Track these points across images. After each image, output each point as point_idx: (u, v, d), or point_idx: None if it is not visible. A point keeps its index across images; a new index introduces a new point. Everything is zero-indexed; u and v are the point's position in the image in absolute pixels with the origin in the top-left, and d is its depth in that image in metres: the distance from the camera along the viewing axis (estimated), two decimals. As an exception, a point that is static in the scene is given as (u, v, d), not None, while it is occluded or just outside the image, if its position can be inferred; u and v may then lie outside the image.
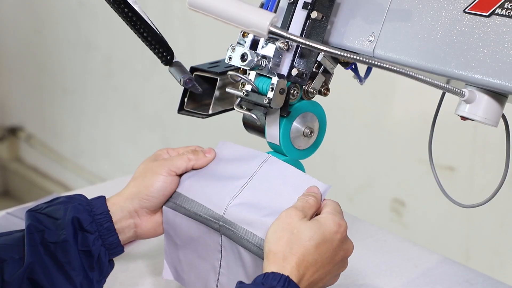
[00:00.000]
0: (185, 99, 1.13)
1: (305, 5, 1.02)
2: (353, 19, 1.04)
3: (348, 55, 0.87)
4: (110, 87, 3.04)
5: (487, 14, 0.92)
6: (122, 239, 1.06)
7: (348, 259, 1.00)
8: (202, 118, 1.12)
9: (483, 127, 1.02)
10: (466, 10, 0.94)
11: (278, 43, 1.00)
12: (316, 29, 1.03)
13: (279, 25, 1.03)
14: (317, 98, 1.08)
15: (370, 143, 2.12)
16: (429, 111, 1.12)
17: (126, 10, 1.02)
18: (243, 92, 1.05)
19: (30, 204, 1.39)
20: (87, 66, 3.12)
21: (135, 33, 1.04)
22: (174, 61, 1.07)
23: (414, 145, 1.95)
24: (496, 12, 0.92)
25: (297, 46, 1.02)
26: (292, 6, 1.02)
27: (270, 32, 0.86)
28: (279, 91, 1.01)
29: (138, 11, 1.02)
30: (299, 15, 1.02)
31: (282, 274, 0.90)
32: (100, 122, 3.16)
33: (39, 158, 3.49)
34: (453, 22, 0.95)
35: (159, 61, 1.07)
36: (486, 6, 0.92)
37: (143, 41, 1.04)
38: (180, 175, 1.08)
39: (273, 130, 1.06)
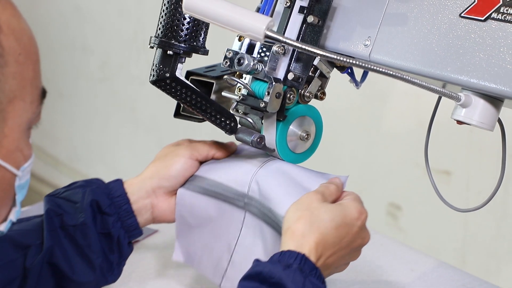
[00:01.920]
0: (181, 104, 1.13)
1: (301, 9, 1.02)
2: (349, 23, 1.04)
3: (344, 59, 0.87)
4: (106, 91, 3.04)
5: (483, 19, 0.92)
6: (140, 221, 1.07)
7: None
8: (198, 122, 1.12)
9: (479, 131, 1.02)
10: (462, 15, 0.94)
11: (275, 47, 1.00)
12: (312, 33, 1.03)
13: (275, 29, 1.03)
14: (314, 102, 1.08)
15: (366, 147, 2.12)
16: (425, 115, 1.12)
17: (189, 93, 1.00)
18: (239, 96, 1.05)
19: (26, 209, 1.39)
20: (83, 70, 3.12)
21: (197, 111, 1.01)
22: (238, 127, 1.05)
23: (410, 149, 1.95)
24: (492, 16, 0.92)
25: (294, 50, 1.02)
26: (288, 10, 1.02)
27: (266, 36, 0.86)
28: (275, 95, 1.01)
29: (193, 86, 1.01)
30: (295, 19, 1.02)
31: (299, 252, 0.90)
32: (96, 126, 3.15)
33: (34, 162, 3.47)
34: (449, 27, 0.95)
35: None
36: (482, 11, 0.93)
37: (204, 117, 1.02)
38: (201, 163, 1.10)
39: (269, 134, 1.06)
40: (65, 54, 3.15)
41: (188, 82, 1.00)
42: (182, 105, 1.11)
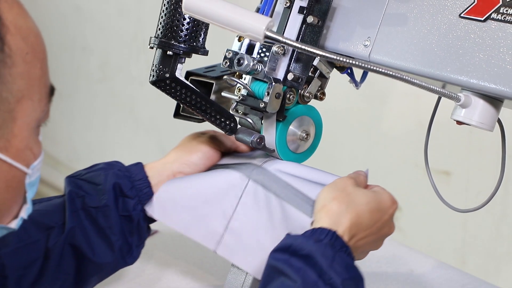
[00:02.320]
0: (181, 104, 1.13)
1: (300, 10, 1.02)
2: (348, 23, 1.04)
3: (344, 60, 0.87)
4: (106, 91, 3.04)
5: (482, 19, 0.92)
6: None
7: None
8: (198, 122, 1.12)
9: (479, 132, 1.02)
10: (462, 15, 0.94)
11: (274, 48, 1.00)
12: (312, 33, 1.03)
13: (275, 29, 1.03)
14: (313, 103, 1.09)
15: (366, 147, 2.12)
16: (425, 116, 1.12)
17: (189, 93, 1.00)
18: (239, 97, 1.05)
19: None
20: (83, 71, 3.12)
21: (196, 111, 1.02)
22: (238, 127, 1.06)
23: (410, 150, 1.95)
24: (491, 17, 0.92)
25: (293, 51, 1.02)
26: (288, 10, 1.03)
27: (266, 37, 0.86)
28: (275, 96, 1.01)
29: (192, 86, 1.01)
30: (295, 20, 1.02)
31: (330, 229, 0.91)
32: (96, 126, 3.15)
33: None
34: (449, 27, 0.95)
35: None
36: (481, 11, 0.93)
37: (204, 117, 1.02)
38: (223, 154, 1.11)
39: (269, 135, 1.06)
40: (65, 54, 3.15)
41: (188, 82, 1.00)
42: (181, 105, 1.11)
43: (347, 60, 0.87)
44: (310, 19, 1.01)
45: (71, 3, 3.07)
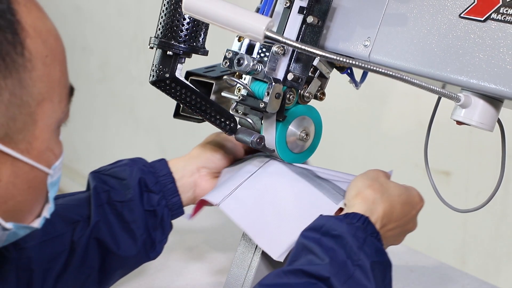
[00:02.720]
0: (181, 104, 1.13)
1: (300, 10, 1.02)
2: (348, 23, 1.04)
3: (344, 60, 0.87)
4: (106, 91, 3.04)
5: (482, 19, 0.92)
6: (183, 199, 1.09)
7: None
8: (198, 122, 1.12)
9: (479, 132, 1.02)
10: (462, 15, 0.94)
11: (274, 48, 1.00)
12: (312, 33, 1.03)
13: (275, 29, 1.03)
14: (313, 103, 1.08)
15: (366, 147, 2.12)
16: (425, 116, 1.12)
17: (189, 93, 1.00)
18: (239, 97, 1.05)
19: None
20: (83, 71, 3.12)
21: (196, 111, 1.02)
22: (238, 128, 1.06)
23: (409, 150, 1.95)
24: (491, 17, 0.92)
25: (293, 51, 1.02)
26: (287, 10, 1.03)
27: (266, 37, 0.86)
28: (275, 96, 1.01)
29: (192, 87, 1.01)
30: (295, 20, 1.02)
31: (362, 215, 0.93)
32: (96, 126, 3.15)
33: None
34: (448, 27, 0.95)
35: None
36: (481, 11, 0.93)
37: (204, 117, 1.03)
38: (248, 152, 1.14)
39: (269, 135, 1.06)
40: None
41: (187, 82, 1.00)
42: (181, 105, 1.11)
43: (347, 60, 0.87)
44: (310, 19, 1.01)
45: (71, 3, 3.07)
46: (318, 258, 0.87)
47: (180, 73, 0.99)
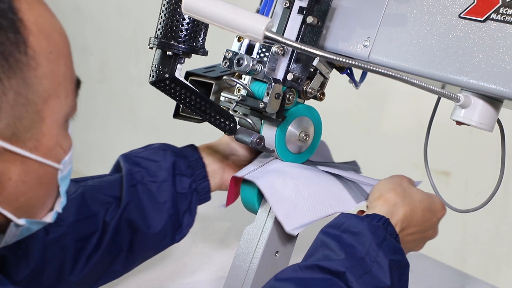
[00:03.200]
0: (180, 105, 1.13)
1: (300, 10, 1.02)
2: (348, 24, 1.04)
3: (344, 60, 0.87)
4: (106, 92, 3.04)
5: (482, 19, 0.92)
6: (211, 184, 1.11)
7: None
8: (198, 122, 1.12)
9: (479, 132, 1.02)
10: (462, 15, 0.94)
11: (274, 48, 1.00)
12: (311, 33, 1.03)
13: (274, 29, 1.03)
14: (313, 103, 1.08)
15: (366, 147, 2.12)
16: (424, 116, 1.12)
17: (188, 93, 1.01)
18: (239, 97, 1.05)
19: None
20: (82, 71, 3.11)
21: (196, 111, 1.02)
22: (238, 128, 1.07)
23: (409, 150, 1.95)
24: (491, 17, 0.92)
25: (293, 51, 1.02)
26: (287, 10, 1.02)
27: (266, 37, 0.86)
28: (275, 96, 1.01)
29: (192, 87, 1.01)
30: (295, 20, 1.02)
31: (383, 216, 0.94)
32: (95, 127, 3.15)
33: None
34: (448, 27, 0.95)
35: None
36: (481, 11, 0.93)
37: (204, 118, 1.03)
38: None
39: (268, 135, 1.06)
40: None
41: (187, 82, 1.00)
42: (181, 105, 1.11)
43: (347, 61, 0.87)
44: (309, 19, 1.01)
45: (71, 3, 3.07)
46: (335, 254, 0.88)
47: (179, 73, 0.99)
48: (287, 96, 1.03)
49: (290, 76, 1.02)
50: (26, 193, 0.75)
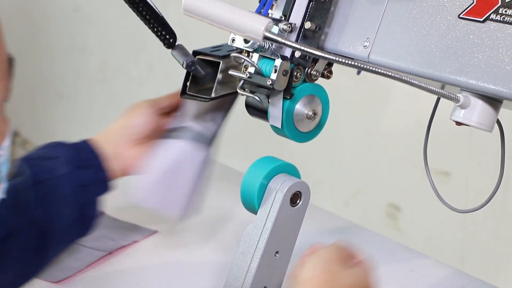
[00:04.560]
0: (188, 83, 1.14)
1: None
2: (348, 24, 1.04)
3: (344, 61, 0.87)
4: (105, 92, 3.04)
5: (481, 20, 0.92)
6: (111, 172, 1.14)
7: None
8: (205, 101, 1.12)
9: (478, 132, 1.02)
10: (461, 16, 0.94)
11: (281, 25, 1.00)
12: (320, 11, 1.02)
13: (281, 8, 1.03)
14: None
15: (366, 147, 2.12)
16: (424, 116, 1.12)
17: (141, 4, 1.04)
18: (246, 75, 1.04)
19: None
20: (82, 71, 3.12)
21: (138, 15, 1.06)
22: (176, 44, 1.10)
23: (409, 150, 1.95)
24: (490, 17, 0.92)
25: (300, 28, 1.02)
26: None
27: (265, 38, 0.87)
28: (282, 73, 1.01)
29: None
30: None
31: None
32: (95, 127, 3.14)
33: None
34: (448, 28, 0.95)
35: (154, 66, 1.08)
36: (481, 12, 0.93)
37: (145, 24, 1.07)
38: (165, 114, 1.23)
39: (276, 112, 1.05)
40: (65, 54, 3.14)
41: None
42: (188, 84, 1.14)
43: (347, 61, 0.87)
44: None
45: (71, 3, 3.07)
46: None
47: None
48: (295, 73, 1.03)
49: (297, 53, 1.02)
50: None
